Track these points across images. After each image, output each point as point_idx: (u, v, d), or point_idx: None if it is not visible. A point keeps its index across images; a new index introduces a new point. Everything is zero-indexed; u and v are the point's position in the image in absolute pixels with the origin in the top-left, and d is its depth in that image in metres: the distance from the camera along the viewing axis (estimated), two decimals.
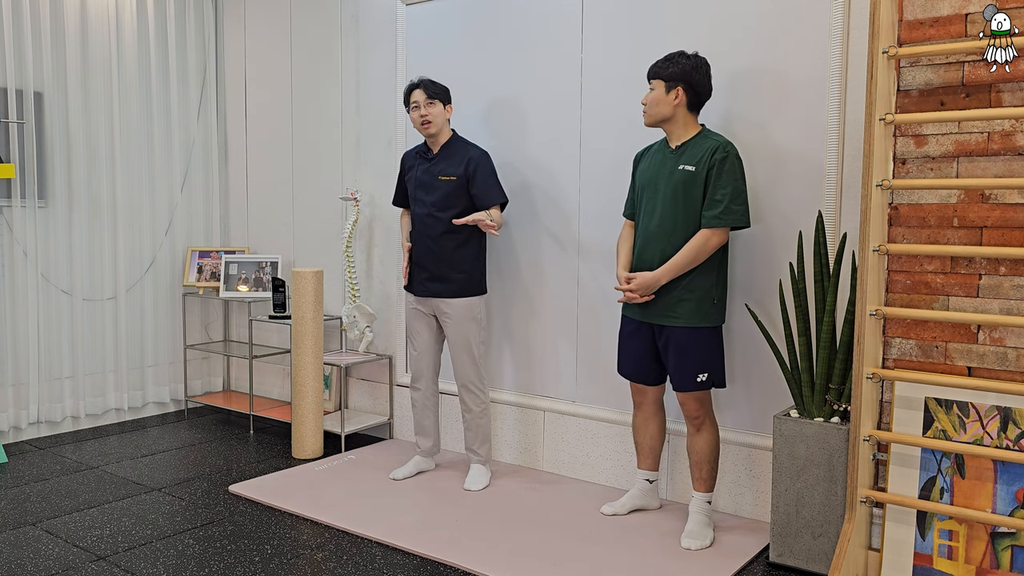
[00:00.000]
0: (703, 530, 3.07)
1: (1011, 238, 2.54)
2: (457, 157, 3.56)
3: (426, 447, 3.81)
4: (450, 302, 3.56)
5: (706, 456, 3.09)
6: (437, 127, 3.54)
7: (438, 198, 3.53)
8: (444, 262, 3.54)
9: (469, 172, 3.52)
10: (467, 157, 3.54)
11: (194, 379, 5.10)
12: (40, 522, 3.23)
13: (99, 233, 4.61)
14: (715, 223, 2.93)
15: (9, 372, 4.29)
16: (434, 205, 3.53)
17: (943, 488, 2.63)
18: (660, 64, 3.01)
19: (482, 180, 3.52)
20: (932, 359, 2.69)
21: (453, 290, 3.55)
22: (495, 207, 3.54)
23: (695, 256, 2.94)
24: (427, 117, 3.50)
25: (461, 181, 3.52)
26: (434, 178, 3.55)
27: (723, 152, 2.93)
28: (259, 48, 4.95)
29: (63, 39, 4.41)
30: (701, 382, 3.01)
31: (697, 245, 2.94)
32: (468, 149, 3.58)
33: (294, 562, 2.89)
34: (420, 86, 3.52)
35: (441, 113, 3.54)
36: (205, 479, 3.75)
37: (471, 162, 3.53)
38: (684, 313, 2.99)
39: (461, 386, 3.63)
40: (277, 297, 4.51)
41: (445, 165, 3.56)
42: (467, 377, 3.61)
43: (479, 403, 3.64)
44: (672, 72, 2.97)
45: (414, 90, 3.54)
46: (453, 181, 3.52)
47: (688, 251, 2.94)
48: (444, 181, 3.53)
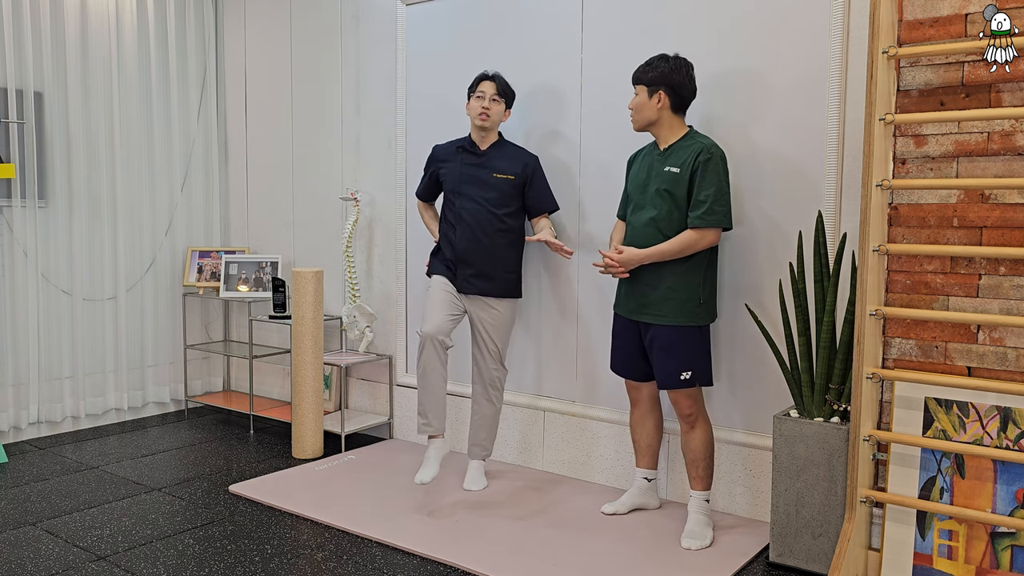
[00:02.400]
0: (703, 530, 3.07)
1: (1011, 238, 2.54)
2: (513, 157, 3.56)
3: (439, 426, 3.43)
4: (494, 302, 3.55)
5: (701, 454, 3.10)
6: (492, 123, 3.54)
7: (494, 195, 3.51)
8: (495, 259, 3.52)
9: (527, 174, 3.54)
10: (524, 159, 3.56)
11: (194, 379, 5.10)
12: (40, 522, 3.23)
13: (99, 233, 4.61)
14: (698, 223, 2.96)
15: (9, 372, 4.29)
16: (488, 201, 3.50)
17: (943, 488, 2.63)
18: (641, 69, 3.05)
19: (540, 185, 3.57)
20: (932, 359, 2.69)
21: (500, 289, 3.54)
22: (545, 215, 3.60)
23: (682, 249, 2.98)
24: (488, 110, 3.50)
25: (519, 181, 3.53)
26: (488, 174, 3.53)
27: (707, 154, 2.96)
28: (259, 48, 4.95)
29: (63, 39, 4.41)
30: (684, 380, 3.03)
31: (686, 240, 2.97)
32: (523, 152, 3.60)
33: (294, 562, 2.89)
34: (493, 79, 3.53)
35: (501, 112, 3.55)
36: (205, 479, 3.75)
37: (528, 165, 3.56)
38: (669, 312, 3.02)
39: (488, 384, 3.60)
40: (277, 297, 4.51)
41: (501, 163, 3.54)
42: (495, 376, 3.60)
43: (499, 400, 3.65)
44: (652, 76, 3.01)
45: (485, 80, 3.53)
46: (511, 180, 3.52)
47: (677, 242, 2.98)
48: (500, 179, 3.52)
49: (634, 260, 3.03)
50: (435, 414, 3.43)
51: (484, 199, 3.51)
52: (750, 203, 3.23)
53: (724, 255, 3.29)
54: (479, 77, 3.55)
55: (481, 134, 3.57)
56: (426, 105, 4.17)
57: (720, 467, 3.35)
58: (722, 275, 3.30)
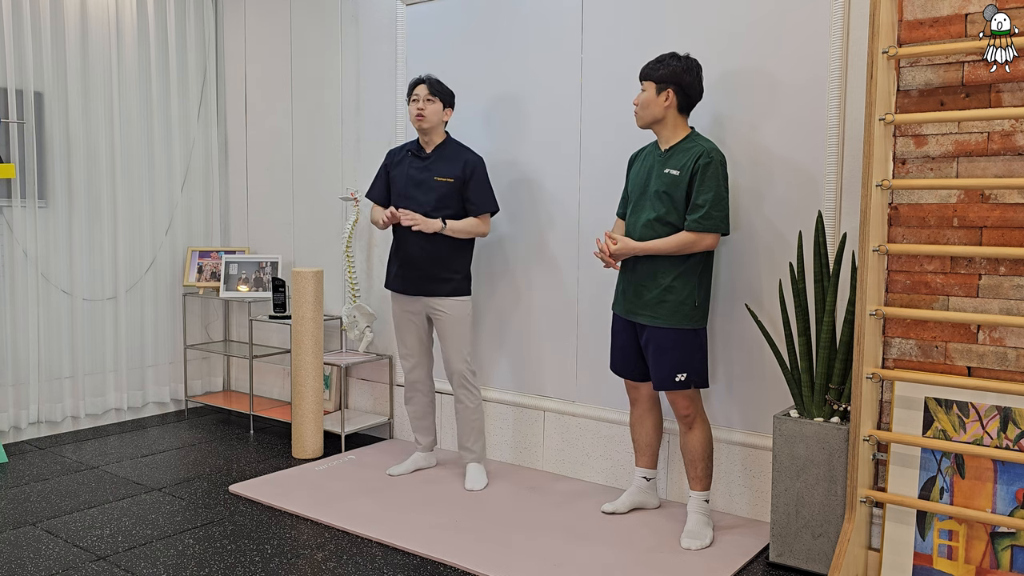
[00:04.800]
0: (702, 530, 3.07)
1: (1011, 238, 2.54)
2: (454, 159, 3.57)
3: (426, 442, 3.85)
4: (445, 301, 3.59)
5: (700, 454, 3.11)
6: (431, 124, 3.54)
7: (434, 198, 3.54)
8: (439, 262, 3.56)
9: (466, 175, 3.56)
10: (464, 160, 3.57)
11: (194, 379, 5.10)
12: (40, 522, 3.23)
13: (99, 233, 4.61)
14: (695, 227, 2.95)
15: (9, 372, 4.29)
16: (429, 205, 3.53)
17: (943, 488, 2.63)
18: (651, 66, 3.04)
19: (478, 186, 3.57)
20: (932, 359, 2.69)
21: (448, 289, 3.58)
22: (485, 215, 3.59)
23: (678, 247, 2.97)
24: (423, 111, 3.51)
25: (458, 183, 3.55)
26: (430, 178, 3.56)
27: (707, 158, 2.95)
28: (259, 48, 4.95)
29: (63, 39, 4.41)
30: (679, 382, 3.03)
31: (683, 239, 2.97)
32: (464, 152, 3.60)
33: (294, 562, 2.89)
34: (425, 82, 3.55)
35: (438, 112, 3.55)
36: (205, 479, 3.75)
37: (468, 165, 3.56)
38: (664, 314, 3.02)
39: (457, 383, 3.66)
40: (277, 297, 4.51)
41: (442, 166, 3.56)
42: (462, 372, 3.64)
43: (473, 399, 3.67)
44: (663, 74, 3.00)
45: (419, 85, 3.55)
46: (450, 183, 3.54)
47: (673, 240, 2.98)
48: (440, 182, 3.54)
49: (627, 250, 3.03)
50: (421, 434, 3.85)
51: (425, 203, 3.54)
52: (750, 203, 3.23)
53: (724, 255, 3.29)
54: (412, 83, 3.58)
55: (425, 137, 3.60)
56: None
57: (720, 467, 3.35)
58: (722, 275, 3.30)
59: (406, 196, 3.59)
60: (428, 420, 3.84)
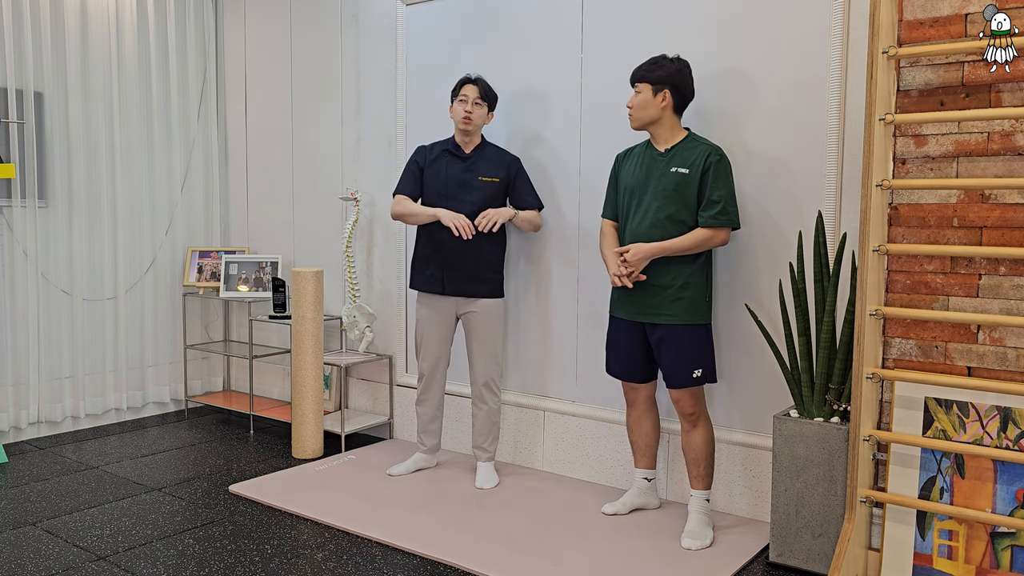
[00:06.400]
0: (703, 529, 3.08)
1: (1011, 238, 2.54)
2: (495, 159, 3.62)
3: (432, 445, 3.84)
4: (482, 302, 3.61)
5: (702, 453, 3.11)
6: (476, 127, 3.57)
7: (479, 198, 3.55)
8: (482, 262, 3.57)
9: (511, 174, 3.61)
10: (507, 160, 3.63)
11: (194, 379, 5.10)
12: (40, 522, 3.23)
13: (99, 233, 4.61)
14: (712, 223, 2.98)
15: (9, 372, 4.29)
16: (474, 204, 3.54)
17: (943, 488, 2.63)
18: (645, 67, 3.05)
19: (524, 183, 3.64)
20: (932, 359, 2.69)
21: (488, 291, 3.61)
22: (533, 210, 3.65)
23: (695, 245, 3.00)
24: (471, 114, 3.53)
25: (503, 184, 3.59)
26: (472, 178, 3.57)
27: (717, 155, 3.00)
28: (259, 48, 4.95)
29: (63, 39, 4.41)
30: (696, 378, 3.05)
31: (700, 237, 3.00)
32: (503, 153, 3.66)
33: (294, 562, 2.89)
34: (476, 83, 3.55)
35: (483, 116, 3.59)
36: (205, 479, 3.75)
37: (512, 165, 3.62)
38: (679, 311, 3.03)
39: (483, 384, 3.66)
40: (277, 297, 4.51)
41: (485, 166, 3.59)
42: (490, 375, 3.65)
43: (496, 400, 3.69)
44: (659, 75, 3.02)
45: (468, 84, 3.55)
46: (496, 183, 3.58)
47: (690, 238, 3.00)
48: (485, 182, 3.57)
49: (644, 253, 3.01)
50: (428, 436, 3.83)
51: (470, 202, 3.55)
52: (750, 203, 3.23)
53: (724, 255, 3.29)
54: (461, 80, 3.57)
55: (465, 138, 3.60)
56: (426, 105, 4.17)
57: (720, 467, 3.35)
58: (722, 275, 3.30)
59: (449, 196, 3.57)
60: (437, 423, 3.83)
